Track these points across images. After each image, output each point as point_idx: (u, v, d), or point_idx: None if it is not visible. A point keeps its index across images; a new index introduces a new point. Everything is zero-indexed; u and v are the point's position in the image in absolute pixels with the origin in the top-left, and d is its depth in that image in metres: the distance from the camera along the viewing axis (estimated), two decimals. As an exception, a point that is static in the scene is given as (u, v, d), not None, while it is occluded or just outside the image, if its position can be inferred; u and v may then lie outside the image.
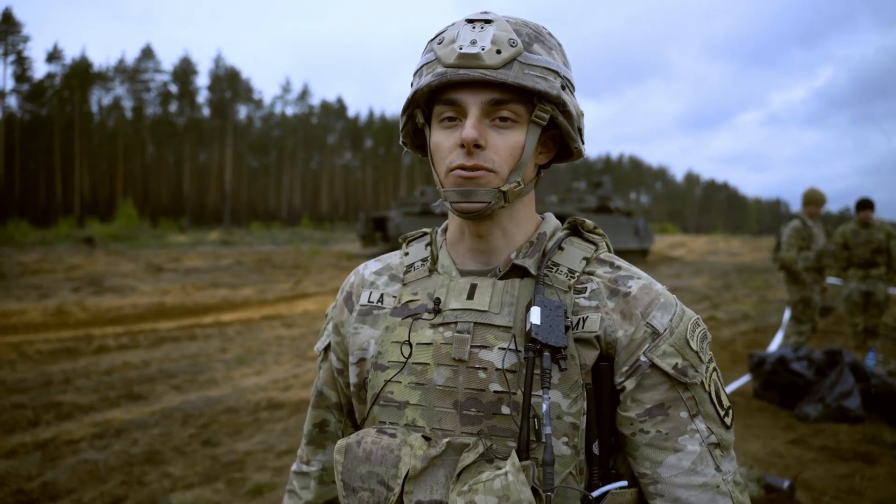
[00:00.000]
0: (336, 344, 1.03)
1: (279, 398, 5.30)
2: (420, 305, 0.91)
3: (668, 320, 0.85)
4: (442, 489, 0.80)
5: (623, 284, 0.87)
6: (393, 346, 0.90)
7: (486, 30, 0.82)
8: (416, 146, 0.98)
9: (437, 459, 0.81)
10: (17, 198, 52.67)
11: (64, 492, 3.50)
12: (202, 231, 41.41)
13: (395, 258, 1.03)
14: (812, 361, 4.85)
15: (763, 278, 16.29)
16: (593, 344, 0.84)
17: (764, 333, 8.16)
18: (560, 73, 0.85)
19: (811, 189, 5.94)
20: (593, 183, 25.13)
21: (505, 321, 0.85)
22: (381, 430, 0.85)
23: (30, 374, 6.03)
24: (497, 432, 0.82)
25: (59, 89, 57.28)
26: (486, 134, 0.83)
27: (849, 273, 6.09)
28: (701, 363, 0.85)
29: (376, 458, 0.82)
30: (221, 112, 64.98)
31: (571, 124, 0.87)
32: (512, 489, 0.73)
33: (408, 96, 0.88)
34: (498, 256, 0.91)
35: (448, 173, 0.85)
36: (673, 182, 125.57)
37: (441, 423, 0.85)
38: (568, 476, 0.81)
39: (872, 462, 3.81)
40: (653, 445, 0.83)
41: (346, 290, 1.04)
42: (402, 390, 0.88)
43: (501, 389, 0.82)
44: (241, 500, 3.43)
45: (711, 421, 0.84)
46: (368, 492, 0.82)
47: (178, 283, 13.87)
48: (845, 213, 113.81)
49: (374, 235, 23.28)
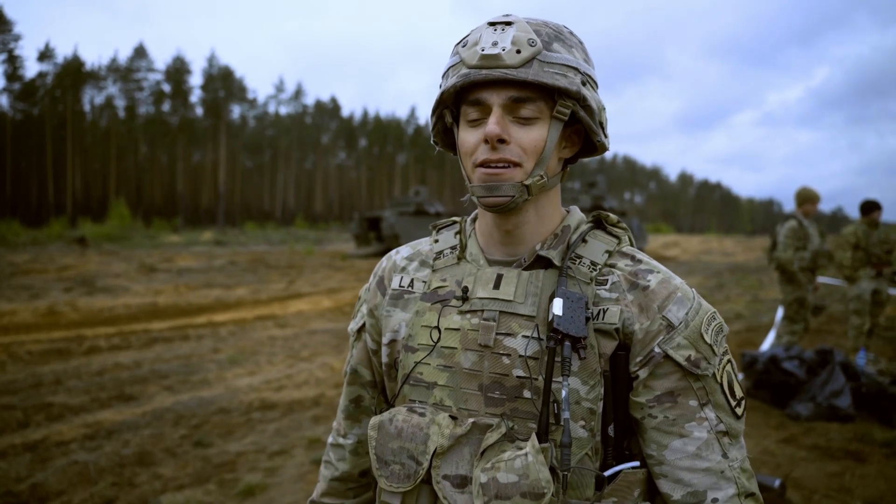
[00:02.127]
0: (370, 326, 1.08)
1: (272, 399, 5.29)
2: (449, 292, 0.96)
3: (685, 314, 0.88)
4: (467, 465, 0.87)
5: (643, 278, 0.90)
6: (423, 330, 0.96)
7: (506, 31, 0.86)
8: (446, 145, 1.03)
9: (463, 438, 0.87)
10: (8, 197, 52.32)
11: (54, 493, 3.47)
12: (196, 231, 41.26)
13: (426, 245, 1.08)
14: (803, 360, 4.88)
15: (756, 278, 16.36)
16: (612, 335, 0.88)
17: (756, 333, 8.19)
18: (580, 69, 0.88)
19: (804, 188, 5.95)
20: (587, 183, 25.21)
21: (529, 311, 0.89)
22: (411, 409, 0.92)
23: (20, 374, 5.98)
24: (519, 414, 0.87)
25: (50, 88, 56.93)
26: (509, 129, 0.87)
27: (859, 273, 6.09)
28: (714, 356, 0.88)
29: (407, 435, 0.89)
30: (215, 111, 64.75)
31: (593, 118, 0.90)
32: (531, 468, 0.79)
33: (436, 98, 0.93)
34: (524, 247, 0.96)
35: (474, 169, 0.89)
36: (667, 182, 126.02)
37: (467, 403, 0.90)
38: (584, 457, 0.86)
39: (863, 460, 3.83)
40: (659, 430, 0.87)
41: (379, 275, 1.10)
42: (431, 371, 0.93)
43: (524, 375, 0.87)
44: (232, 501, 3.41)
45: (721, 410, 0.87)
46: (399, 465, 0.90)
47: (171, 283, 13.81)
48: (837, 213, 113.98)
49: (369, 235, 23.27)
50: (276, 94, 72.83)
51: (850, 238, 6.05)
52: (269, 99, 73.89)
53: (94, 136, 60.49)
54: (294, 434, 4.44)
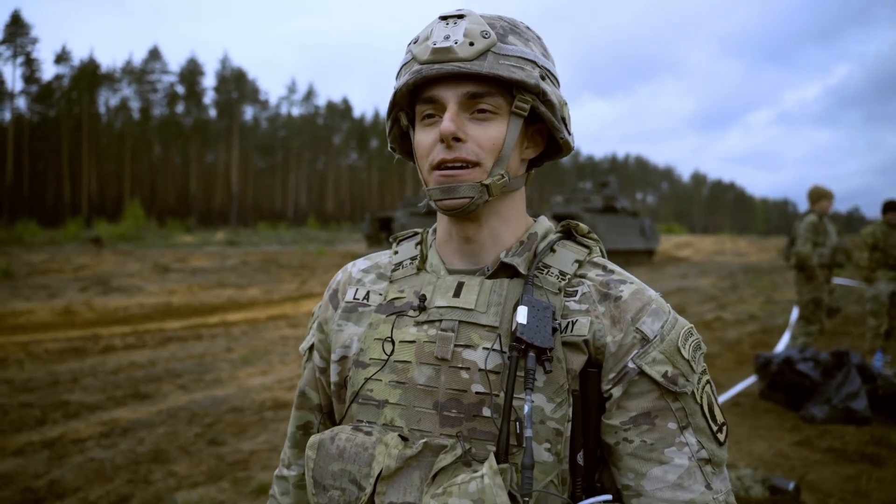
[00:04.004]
0: (319, 342, 1.00)
1: (284, 398, 5.32)
2: (406, 303, 0.89)
3: (660, 327, 0.81)
4: (416, 491, 0.77)
5: (614, 288, 0.84)
6: (375, 344, 0.88)
7: (458, 24, 0.81)
8: (404, 151, 0.97)
9: (413, 460, 0.78)
10: (25, 198, 53.04)
11: (71, 490, 3.52)
12: (208, 231, 41.59)
13: (385, 257, 1.01)
14: (818, 362, 4.83)
15: (770, 279, 16.21)
16: (581, 348, 0.81)
17: (770, 334, 8.12)
18: (538, 62, 0.84)
19: (816, 186, 5.88)
20: (599, 183, 25.09)
21: (491, 321, 0.82)
22: (356, 427, 0.83)
23: (38, 373, 6.07)
24: (477, 435, 0.79)
25: (67, 90, 57.69)
26: (466, 127, 0.82)
27: (877, 274, 6.02)
28: (693, 373, 0.81)
29: (349, 456, 0.80)
30: (228, 113, 65.28)
31: (554, 114, 0.85)
32: (487, 493, 0.70)
33: (390, 99, 0.88)
34: (486, 256, 0.89)
35: (431, 171, 0.84)
36: (679, 182, 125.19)
37: (420, 423, 0.82)
38: (549, 484, 0.78)
39: (879, 464, 3.79)
40: (637, 456, 0.79)
41: (333, 288, 1.02)
42: (382, 389, 0.85)
43: (483, 391, 0.80)
44: (245, 499, 3.44)
45: (702, 435, 0.80)
46: (339, 490, 0.80)
47: (185, 283, 13.93)
48: (854, 213, 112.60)
49: (380, 235, 23.33)
50: (288, 96, 73.29)
51: (868, 238, 5.98)
52: (281, 100, 74.46)
53: (110, 137, 61.18)
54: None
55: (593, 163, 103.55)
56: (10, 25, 54.09)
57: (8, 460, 3.92)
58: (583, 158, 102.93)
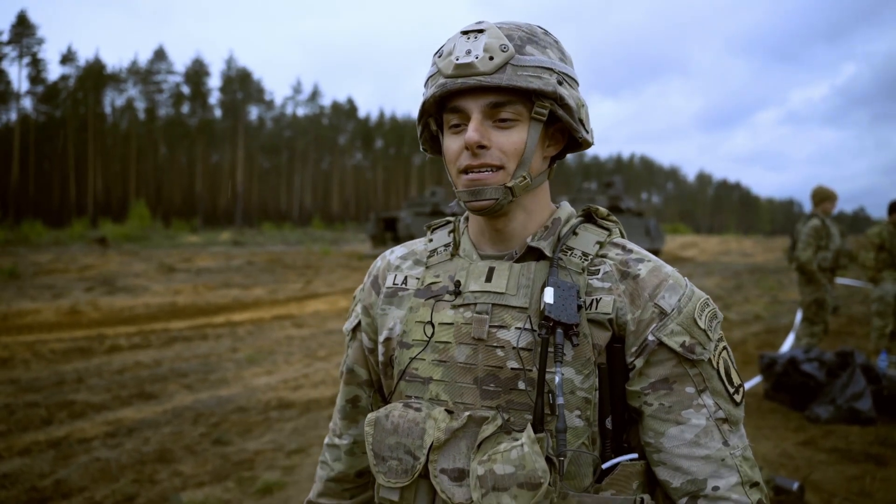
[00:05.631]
0: (367, 325, 1.09)
1: (289, 398, 5.34)
2: (441, 287, 0.98)
3: (677, 300, 0.89)
4: (464, 458, 0.87)
5: (633, 267, 0.91)
6: (417, 326, 0.97)
7: (479, 39, 0.87)
8: (435, 151, 1.05)
9: (459, 431, 0.87)
10: (31, 198, 53.26)
11: (76, 490, 3.54)
12: (214, 231, 41.68)
13: (420, 244, 1.10)
14: (823, 363, 4.82)
15: (775, 279, 16.15)
16: (605, 326, 0.89)
17: (775, 334, 8.09)
18: (555, 69, 0.90)
19: (820, 186, 5.86)
20: (604, 183, 25.01)
21: (521, 302, 0.90)
22: (407, 405, 0.92)
23: (43, 372, 6.10)
24: (514, 406, 0.88)
25: (72, 91, 57.91)
26: (489, 134, 0.89)
27: (883, 275, 5.99)
28: (709, 341, 0.88)
29: (403, 430, 0.90)
30: (233, 113, 65.40)
31: (572, 116, 0.91)
32: (527, 459, 0.80)
33: (419, 108, 0.96)
34: (514, 242, 0.97)
35: (459, 175, 0.92)
36: (684, 182, 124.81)
37: (462, 397, 0.91)
38: (580, 446, 0.87)
39: (884, 464, 3.77)
40: (656, 417, 0.88)
41: (374, 274, 1.11)
42: (426, 367, 0.94)
43: (518, 366, 0.88)
44: (250, 498, 3.46)
45: (720, 397, 0.88)
46: (397, 461, 0.90)
47: (190, 283, 13.97)
48: (859, 213, 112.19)
49: (385, 235, 23.31)
50: (293, 96, 73.35)
51: (874, 239, 5.95)
52: (286, 100, 74.47)
53: (115, 137, 61.39)
54: (311, 433, 4.48)
55: (598, 163, 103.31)
56: (17, 26, 54.31)
57: (14, 460, 3.95)
58: (588, 159, 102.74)
